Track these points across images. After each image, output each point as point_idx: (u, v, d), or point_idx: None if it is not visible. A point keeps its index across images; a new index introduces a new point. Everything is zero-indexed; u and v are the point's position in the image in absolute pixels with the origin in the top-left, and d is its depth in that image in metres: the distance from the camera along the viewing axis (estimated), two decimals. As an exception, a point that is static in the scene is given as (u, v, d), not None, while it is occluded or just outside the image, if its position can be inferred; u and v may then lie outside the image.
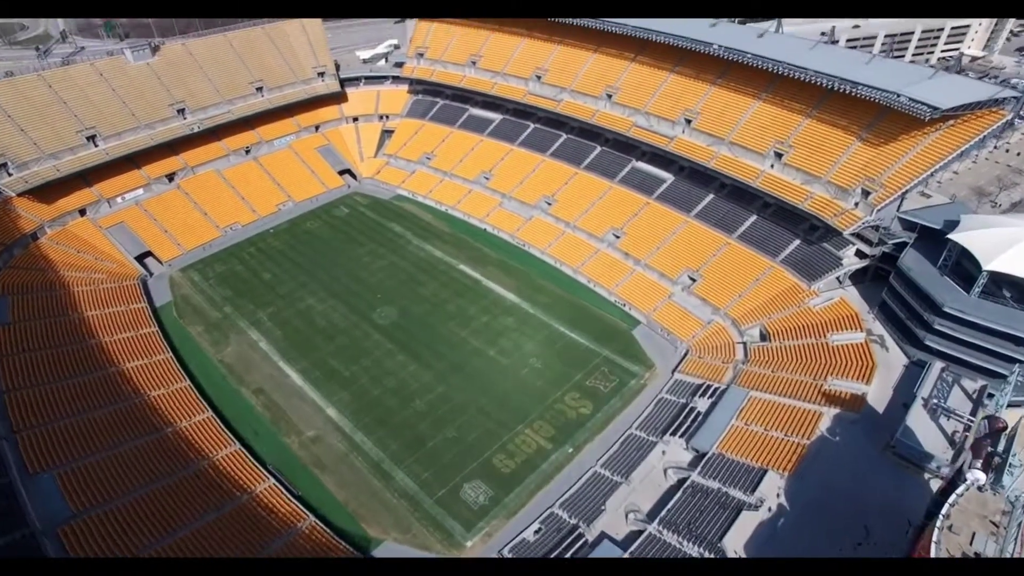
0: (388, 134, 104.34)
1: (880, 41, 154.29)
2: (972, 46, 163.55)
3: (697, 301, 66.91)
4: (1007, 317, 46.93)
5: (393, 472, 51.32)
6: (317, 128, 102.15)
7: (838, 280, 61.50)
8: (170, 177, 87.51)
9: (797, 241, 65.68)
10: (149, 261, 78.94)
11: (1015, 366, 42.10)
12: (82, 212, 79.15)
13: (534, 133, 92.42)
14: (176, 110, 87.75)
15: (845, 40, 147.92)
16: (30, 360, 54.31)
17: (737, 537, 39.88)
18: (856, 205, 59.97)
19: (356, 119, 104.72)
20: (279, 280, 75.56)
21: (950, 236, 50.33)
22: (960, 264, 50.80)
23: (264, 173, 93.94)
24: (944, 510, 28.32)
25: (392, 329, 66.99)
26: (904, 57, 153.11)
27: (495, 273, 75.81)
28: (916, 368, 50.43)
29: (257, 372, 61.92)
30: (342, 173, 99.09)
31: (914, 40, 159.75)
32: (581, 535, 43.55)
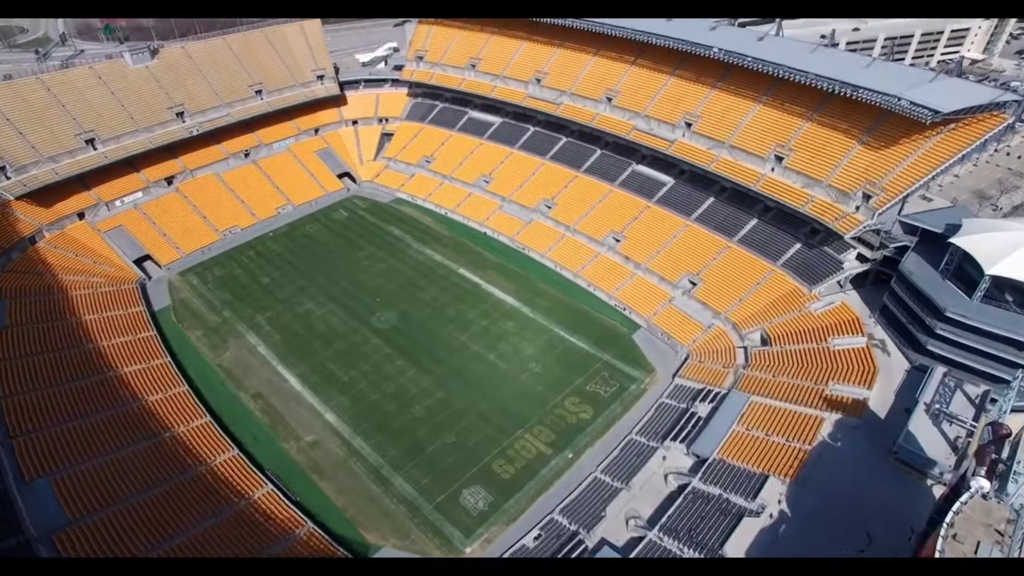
0: (387, 137, 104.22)
1: (880, 44, 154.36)
2: (972, 49, 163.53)
3: (697, 305, 66.66)
4: (1009, 322, 46.83)
5: (392, 478, 51.00)
6: (316, 131, 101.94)
7: (839, 284, 61.34)
8: (169, 180, 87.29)
9: (798, 245, 65.46)
10: (148, 265, 78.68)
11: (1018, 371, 42.00)
12: (80, 215, 78.91)
13: (534, 136, 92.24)
14: (175, 113, 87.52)
15: (845, 43, 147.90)
16: (27, 365, 54.05)
17: (738, 544, 39.57)
18: (857, 209, 59.76)
19: (355, 122, 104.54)
20: (278, 284, 75.26)
21: (952, 240, 50.20)
22: (962, 268, 50.64)
23: (263, 176, 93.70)
24: (948, 518, 28.02)
25: (391, 333, 66.69)
26: (904, 60, 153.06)
27: (495, 277, 75.53)
28: (918, 373, 50.38)
29: (255, 377, 61.64)
30: (341, 176, 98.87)
31: (914, 43, 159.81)
32: (581, 541, 43.19)
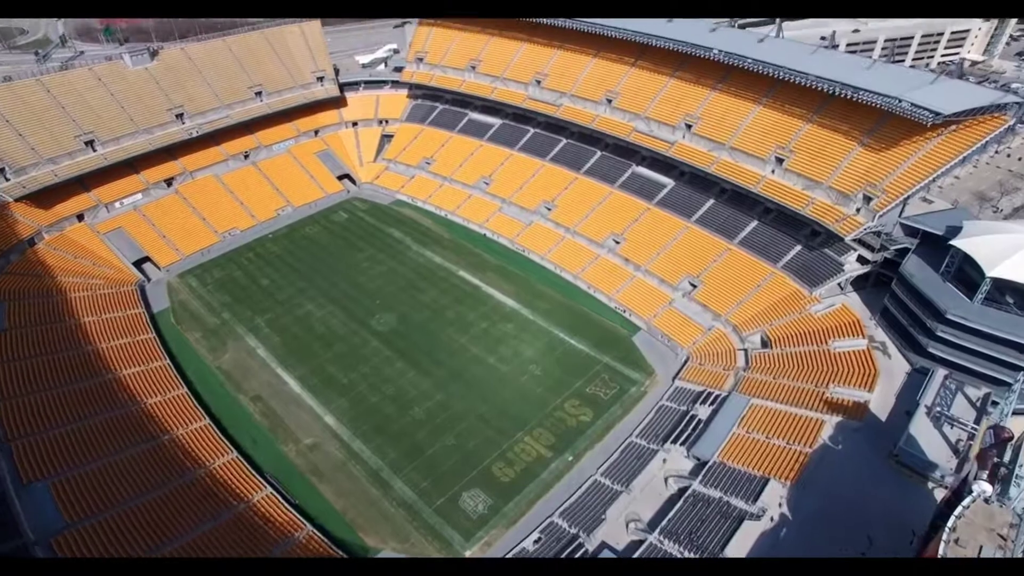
0: (387, 139, 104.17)
1: (880, 46, 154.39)
2: (972, 50, 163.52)
3: (698, 307, 66.52)
4: (1011, 324, 46.72)
5: (391, 481, 50.85)
6: (316, 133, 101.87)
7: (839, 286, 61.21)
8: (169, 182, 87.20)
9: (798, 247, 65.34)
10: (147, 266, 78.55)
11: (1019, 373, 41.71)
12: (80, 217, 78.78)
13: (534, 138, 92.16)
14: (175, 115, 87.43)
15: (845, 45, 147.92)
16: (26, 367, 53.94)
17: (739, 547, 39.41)
18: (858, 211, 59.64)
19: (355, 124, 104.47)
20: (277, 286, 75.11)
21: (953, 242, 50.10)
22: (963, 270, 50.52)
23: (263, 178, 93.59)
24: (950, 523, 27.82)
25: (391, 336, 66.54)
26: (904, 62, 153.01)
27: (494, 279, 75.40)
28: (919, 375, 50.21)
29: (255, 379, 61.48)
30: (341, 178, 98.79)
31: (914, 45, 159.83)
32: (581, 544, 43.04)
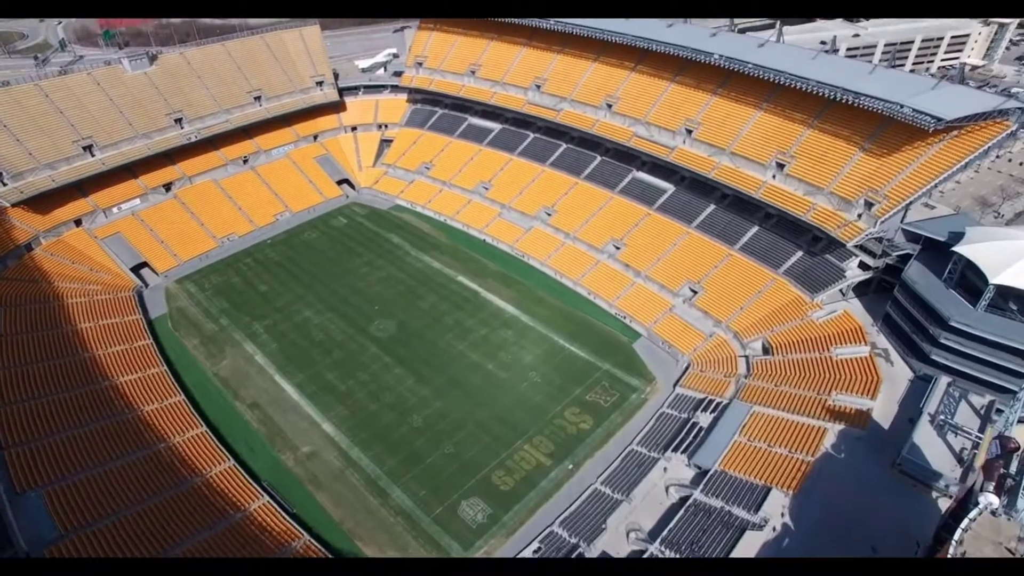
0: (387, 143, 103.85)
1: (880, 50, 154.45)
2: (972, 55, 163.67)
3: (698, 314, 66.10)
4: (1014, 331, 46.26)
5: (390, 489, 50.38)
6: (315, 138, 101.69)
7: (841, 292, 60.79)
8: (167, 187, 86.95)
9: (799, 253, 64.97)
10: (145, 272, 78.19)
11: (1024, 382, 41.41)
12: (77, 222, 78.48)
13: (534, 143, 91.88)
14: (173, 119, 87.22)
15: (845, 49, 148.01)
16: (21, 374, 53.56)
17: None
18: (859, 216, 59.30)
19: (355, 128, 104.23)
20: (276, 292, 74.74)
21: (955, 248, 49.65)
22: (966, 277, 50.11)
23: (262, 183, 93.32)
24: (956, 535, 27.30)
25: (390, 342, 66.11)
26: (904, 66, 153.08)
27: (494, 285, 75.01)
28: (922, 383, 49.78)
29: (252, 386, 61.04)
30: (340, 183, 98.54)
31: (914, 49, 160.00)
32: (582, 555, 42.55)
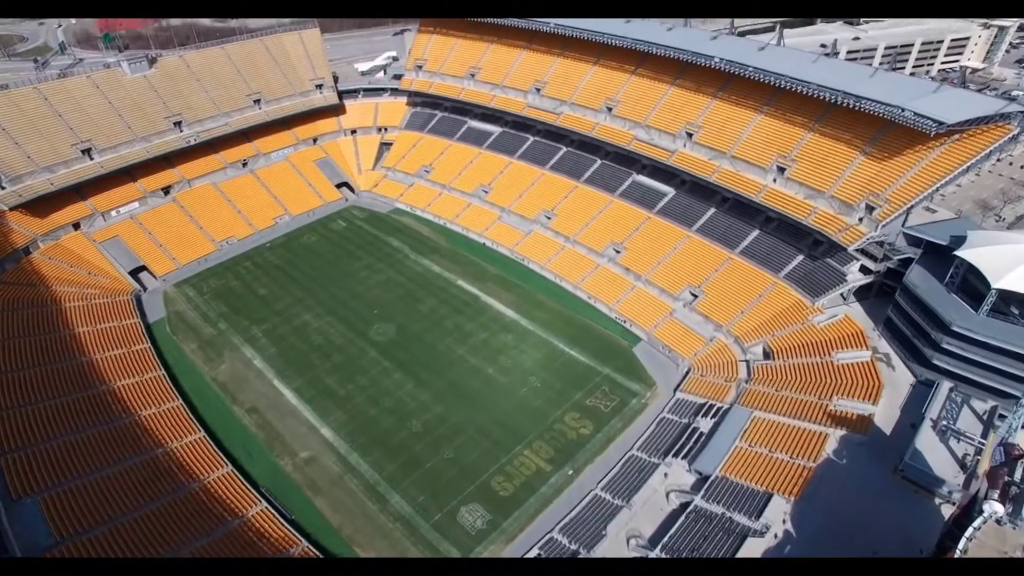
0: (386, 147, 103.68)
1: (880, 53, 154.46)
2: (972, 58, 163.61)
3: (699, 318, 65.81)
4: (1017, 336, 46.02)
5: (389, 495, 50.04)
6: (315, 141, 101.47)
7: (842, 296, 60.56)
8: (166, 190, 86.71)
9: (800, 257, 64.69)
10: (143, 276, 77.98)
11: (1027, 387, 41.14)
12: (76, 226, 78.22)
13: (533, 146, 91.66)
14: (173, 123, 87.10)
15: (845, 52, 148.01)
16: (18, 379, 53.24)
17: (743, 566, 38.63)
18: (860, 220, 59.05)
19: (354, 131, 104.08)
20: (275, 296, 74.42)
21: (957, 253, 49.40)
22: (967, 281, 49.85)
23: (261, 186, 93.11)
24: (961, 544, 27.09)
25: (389, 346, 65.80)
26: (904, 69, 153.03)
27: (494, 289, 74.69)
28: (924, 388, 49.53)
29: (251, 390, 60.71)
30: (340, 186, 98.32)
31: (914, 52, 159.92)
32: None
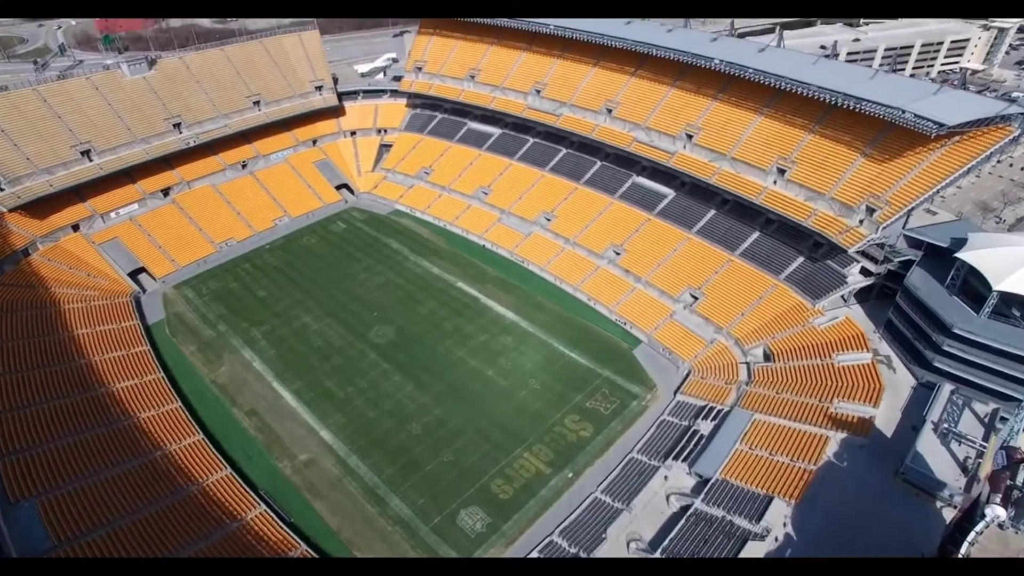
0: (386, 148, 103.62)
1: (880, 55, 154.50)
2: (972, 60, 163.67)
3: (699, 320, 65.68)
4: (1018, 338, 45.87)
5: (388, 498, 49.86)
6: (314, 142, 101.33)
7: (843, 298, 60.43)
8: (165, 192, 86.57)
9: (801, 258, 64.57)
10: (143, 277, 77.86)
11: (1029, 390, 41.00)
12: (75, 228, 78.03)
13: (533, 148, 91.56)
14: (172, 124, 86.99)
15: (845, 54, 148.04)
16: (17, 381, 53.05)
17: (744, 570, 38.45)
18: (861, 222, 58.92)
19: (354, 133, 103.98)
20: (274, 297, 74.27)
21: (958, 255, 49.30)
22: (968, 283, 49.72)
23: (261, 188, 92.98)
24: (963, 549, 26.94)
25: (389, 349, 65.65)
26: (904, 71, 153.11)
27: (494, 291, 74.56)
28: (925, 390, 49.43)
29: (250, 393, 60.55)
30: (339, 188, 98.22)
31: (914, 54, 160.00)
32: (582, 565, 42.07)
